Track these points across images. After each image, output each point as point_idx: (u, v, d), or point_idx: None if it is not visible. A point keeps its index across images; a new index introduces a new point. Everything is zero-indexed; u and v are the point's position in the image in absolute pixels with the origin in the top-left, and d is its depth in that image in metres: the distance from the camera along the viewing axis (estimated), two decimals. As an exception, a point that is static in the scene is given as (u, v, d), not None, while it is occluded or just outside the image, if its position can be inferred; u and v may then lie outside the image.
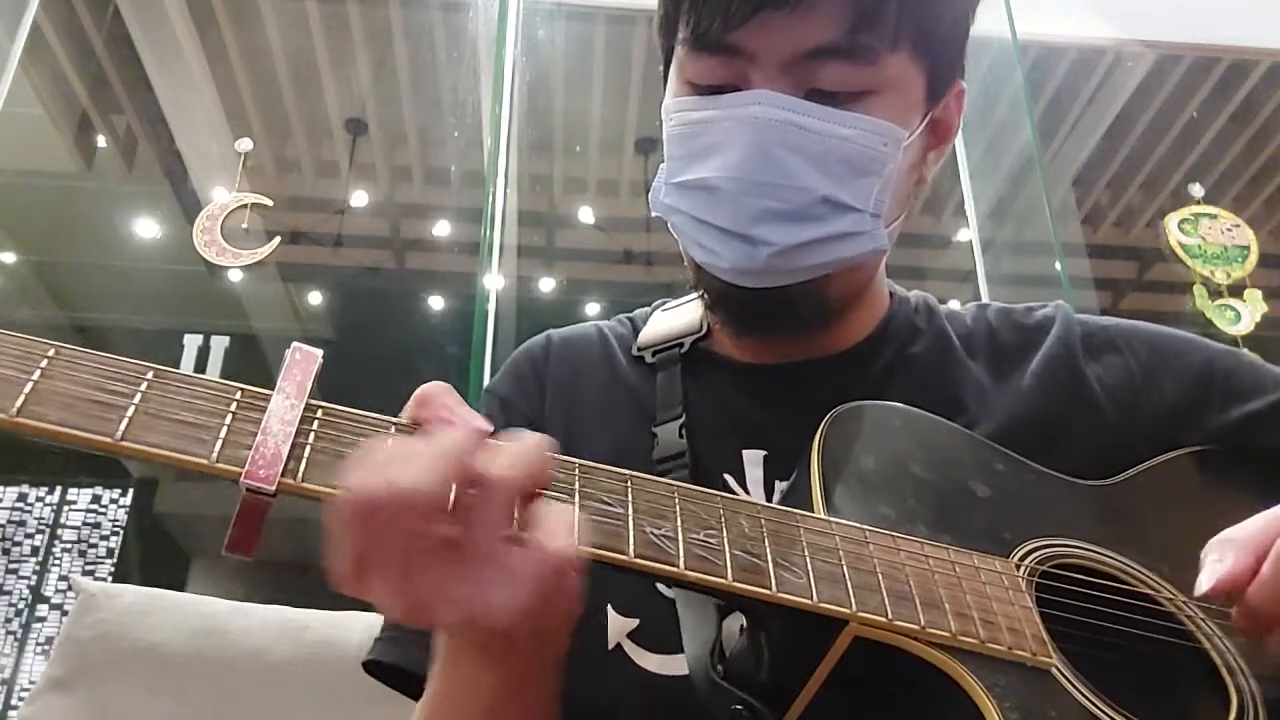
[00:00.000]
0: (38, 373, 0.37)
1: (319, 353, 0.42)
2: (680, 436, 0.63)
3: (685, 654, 0.54)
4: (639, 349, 0.71)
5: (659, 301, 0.77)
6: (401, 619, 0.40)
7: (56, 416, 0.36)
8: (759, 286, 0.60)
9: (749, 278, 0.60)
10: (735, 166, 0.57)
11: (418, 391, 0.44)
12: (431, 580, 0.39)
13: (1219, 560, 0.49)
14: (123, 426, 0.37)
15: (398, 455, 0.39)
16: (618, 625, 0.59)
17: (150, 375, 0.39)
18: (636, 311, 0.77)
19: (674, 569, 0.42)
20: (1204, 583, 0.49)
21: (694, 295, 0.74)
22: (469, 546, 0.39)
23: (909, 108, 0.60)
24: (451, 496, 0.39)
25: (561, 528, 0.40)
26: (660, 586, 0.58)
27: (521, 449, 0.41)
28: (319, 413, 0.41)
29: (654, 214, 0.64)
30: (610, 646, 0.59)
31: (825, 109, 0.57)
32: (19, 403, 0.36)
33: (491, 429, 0.43)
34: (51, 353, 0.38)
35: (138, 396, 0.38)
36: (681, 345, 0.69)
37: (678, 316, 0.73)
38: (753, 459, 0.63)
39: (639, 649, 0.58)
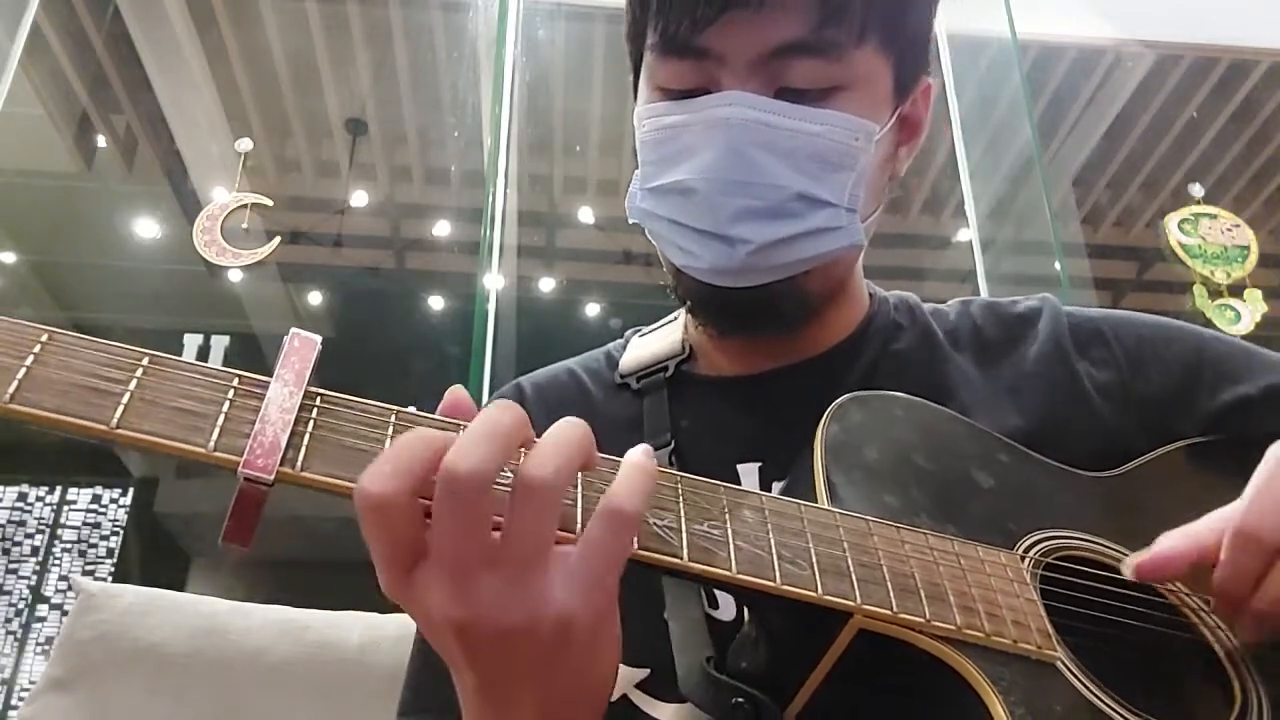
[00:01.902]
0: (30, 359, 0.36)
1: (318, 339, 0.41)
2: (670, 465, 0.63)
3: (676, 660, 0.53)
4: (623, 375, 0.71)
5: (632, 330, 0.77)
6: (456, 626, 0.37)
7: (50, 403, 0.36)
8: (739, 286, 0.60)
9: (728, 277, 0.60)
10: (709, 168, 0.57)
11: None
12: (486, 584, 0.37)
13: (1157, 544, 0.51)
14: (118, 414, 0.36)
15: (415, 446, 0.37)
16: (625, 675, 0.58)
17: (146, 361, 0.38)
18: (608, 345, 0.77)
19: (678, 561, 0.41)
20: (1126, 565, 0.51)
21: (669, 319, 0.74)
22: (513, 553, 0.37)
23: (878, 102, 0.60)
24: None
25: (624, 481, 0.39)
26: (667, 617, 0.57)
27: (554, 443, 0.39)
28: (318, 400, 0.40)
29: (631, 220, 0.64)
30: (614, 698, 0.57)
31: (796, 106, 0.57)
32: (11, 389, 0.35)
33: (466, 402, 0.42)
34: (45, 338, 0.37)
35: (133, 383, 0.37)
36: (666, 369, 0.69)
37: (657, 341, 0.72)
38: (748, 472, 0.63)
39: (650, 699, 0.57)
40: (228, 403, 0.38)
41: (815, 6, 0.56)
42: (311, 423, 0.39)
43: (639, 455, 0.41)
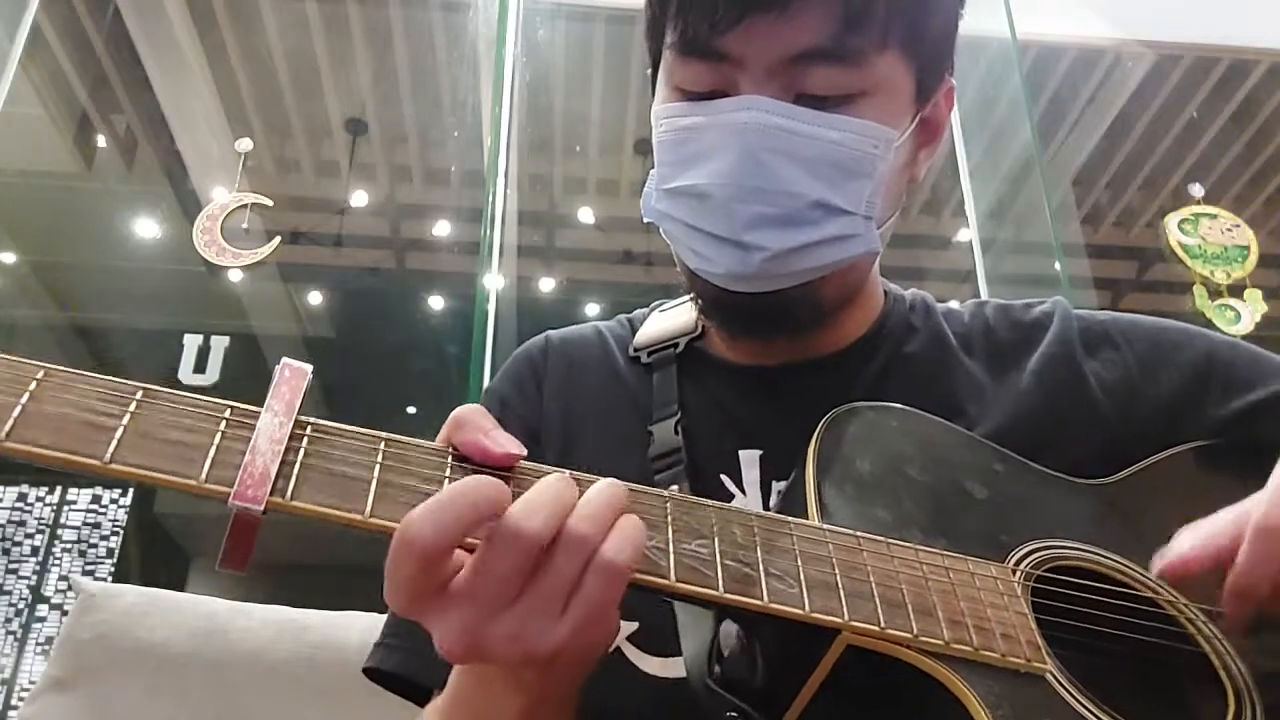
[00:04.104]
0: (26, 395, 0.37)
1: (308, 369, 0.42)
2: (676, 433, 0.63)
3: (683, 655, 0.54)
4: (635, 349, 0.71)
5: (657, 302, 0.77)
6: (456, 656, 0.39)
7: (45, 440, 0.36)
8: (753, 291, 0.60)
9: (742, 283, 0.60)
10: (726, 173, 0.57)
11: (453, 414, 0.43)
12: (500, 623, 0.39)
13: (1177, 545, 0.51)
14: (111, 449, 0.37)
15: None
16: None
17: (139, 395, 0.39)
18: (635, 312, 0.77)
19: (664, 581, 0.42)
20: (1155, 564, 0.51)
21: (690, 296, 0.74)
22: (538, 595, 0.39)
23: (899, 108, 0.60)
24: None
25: (616, 538, 0.40)
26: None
27: (608, 498, 0.41)
28: (308, 429, 0.40)
29: (645, 220, 0.64)
30: (609, 649, 0.59)
31: (815, 113, 0.57)
32: (8, 427, 0.36)
33: (526, 453, 0.43)
34: (40, 375, 0.38)
35: (126, 417, 0.38)
36: (677, 345, 0.70)
37: (674, 317, 0.73)
38: (749, 459, 0.63)
39: (639, 651, 0.58)
40: (219, 434, 0.39)
41: (837, 13, 0.55)
42: (301, 452, 0.40)
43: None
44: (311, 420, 0.41)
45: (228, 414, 0.39)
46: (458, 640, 0.39)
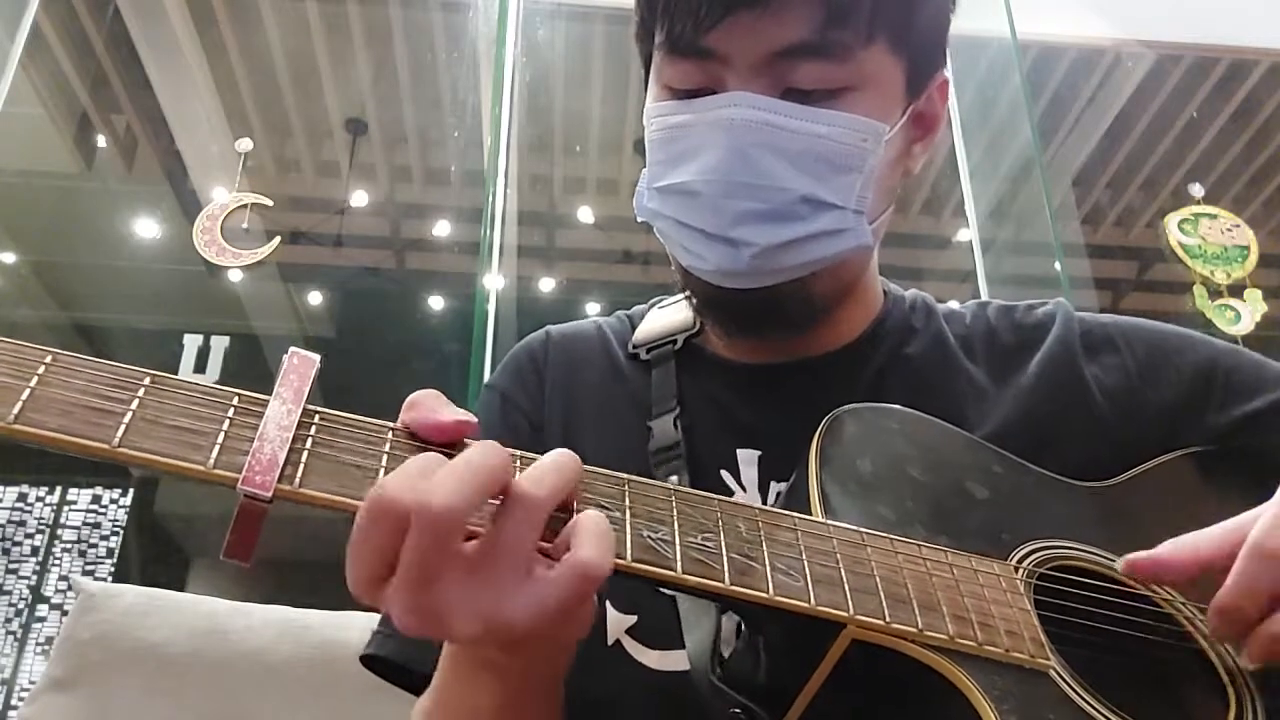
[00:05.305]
0: (35, 379, 0.37)
1: (316, 358, 0.42)
2: (675, 429, 0.63)
3: (686, 650, 0.54)
4: (634, 346, 0.71)
5: (656, 299, 0.77)
6: (413, 632, 0.39)
7: (54, 423, 0.36)
8: (744, 288, 0.60)
9: (733, 279, 0.60)
10: (713, 169, 0.57)
11: (407, 399, 0.43)
12: (449, 593, 0.38)
13: (1158, 548, 0.50)
14: (120, 433, 0.37)
15: (431, 470, 0.38)
16: (616, 621, 0.59)
17: (147, 381, 0.39)
18: (634, 308, 0.78)
19: (671, 573, 0.42)
20: (1121, 560, 0.51)
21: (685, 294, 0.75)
22: (492, 560, 0.38)
23: (888, 102, 0.60)
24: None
25: (591, 539, 0.39)
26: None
27: (552, 463, 0.41)
28: (316, 418, 0.41)
29: (639, 219, 0.65)
30: (609, 643, 0.59)
31: (801, 108, 0.57)
32: (16, 409, 0.36)
33: (476, 421, 0.43)
34: (48, 359, 0.38)
35: (135, 403, 0.38)
36: (675, 342, 0.70)
37: (673, 313, 0.73)
38: (747, 458, 0.63)
39: (638, 645, 0.58)
40: (227, 421, 0.39)
41: (820, 7, 0.55)
42: (310, 440, 0.40)
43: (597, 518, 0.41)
44: (320, 409, 0.41)
45: (236, 401, 0.40)
46: (407, 623, 0.38)
